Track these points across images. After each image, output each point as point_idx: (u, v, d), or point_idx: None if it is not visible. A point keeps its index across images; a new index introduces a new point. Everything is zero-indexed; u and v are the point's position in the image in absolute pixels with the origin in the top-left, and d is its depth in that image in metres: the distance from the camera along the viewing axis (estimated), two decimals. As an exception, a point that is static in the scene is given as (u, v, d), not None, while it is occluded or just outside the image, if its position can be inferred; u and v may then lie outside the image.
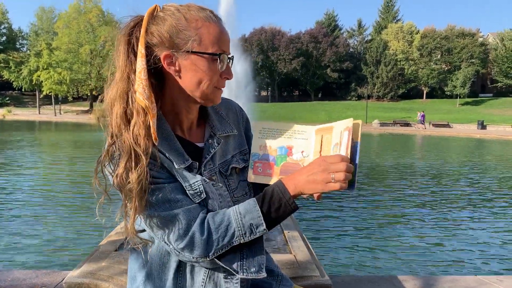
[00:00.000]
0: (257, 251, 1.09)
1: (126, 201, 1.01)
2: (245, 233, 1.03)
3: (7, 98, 65.12)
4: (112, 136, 1.03)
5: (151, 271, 1.13)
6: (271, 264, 1.34)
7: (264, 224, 1.04)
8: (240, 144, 1.26)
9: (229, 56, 1.10)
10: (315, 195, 1.05)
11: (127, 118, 1.02)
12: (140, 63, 1.01)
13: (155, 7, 1.07)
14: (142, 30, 1.03)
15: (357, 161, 1.02)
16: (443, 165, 13.91)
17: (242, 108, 1.35)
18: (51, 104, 56.90)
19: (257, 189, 1.28)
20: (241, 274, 1.05)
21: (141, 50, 1.02)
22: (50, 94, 53.56)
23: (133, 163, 0.99)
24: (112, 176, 1.01)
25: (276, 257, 2.40)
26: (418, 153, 19.10)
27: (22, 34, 71.03)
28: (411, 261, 4.71)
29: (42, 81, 52.53)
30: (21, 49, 69.52)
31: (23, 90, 62.16)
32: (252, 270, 1.06)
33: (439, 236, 5.68)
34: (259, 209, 1.04)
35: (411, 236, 5.63)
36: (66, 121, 41.20)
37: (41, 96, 57.05)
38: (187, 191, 1.06)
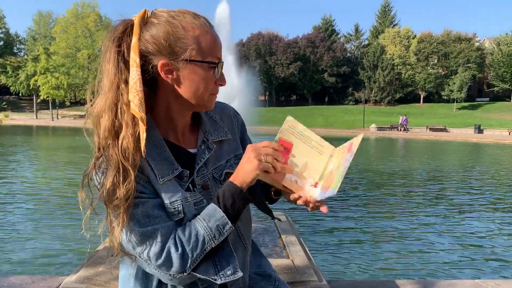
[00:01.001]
0: (227, 255, 1.10)
1: (111, 217, 0.99)
2: (214, 236, 1.04)
3: (4, 103, 64.91)
4: (99, 149, 0.99)
5: (137, 280, 1.13)
6: (268, 268, 1.34)
7: (229, 222, 1.05)
8: (235, 148, 1.24)
9: (222, 61, 1.09)
10: (323, 209, 1.08)
11: (115, 131, 0.98)
12: (135, 73, 0.97)
13: (145, 12, 1.03)
14: (135, 38, 0.99)
15: (344, 171, 1.04)
16: (441, 169, 13.93)
17: (237, 112, 1.33)
18: (48, 108, 56.79)
19: (253, 193, 1.28)
20: (219, 280, 1.06)
21: (135, 60, 0.98)
22: (47, 98, 53.47)
23: (121, 178, 0.96)
24: (99, 191, 0.98)
25: (274, 262, 2.39)
26: (416, 157, 19.12)
27: (20, 38, 71.05)
28: (409, 265, 4.70)
29: (39, 86, 52.45)
30: (19, 53, 69.55)
31: (20, 94, 62.07)
32: (228, 273, 1.07)
33: (437, 240, 5.68)
34: (220, 210, 1.05)
35: (409, 241, 5.63)
36: (63, 126, 41.11)
37: (39, 100, 56.97)
38: (166, 209, 1.05)
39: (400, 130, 40.26)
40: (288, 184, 1.11)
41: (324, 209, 1.08)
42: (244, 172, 1.06)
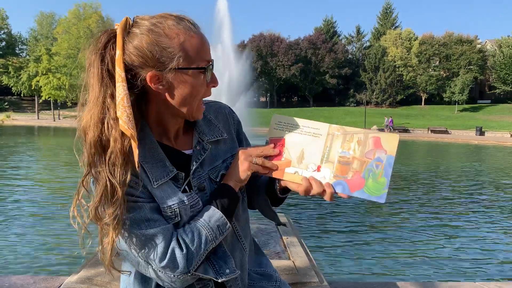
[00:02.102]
0: (222, 255, 1.12)
1: (101, 234, 0.97)
2: (215, 236, 1.06)
3: (6, 103, 65.03)
4: (87, 165, 0.97)
5: (137, 281, 1.13)
6: (269, 268, 1.34)
7: (228, 222, 1.08)
8: (232, 147, 1.22)
9: (211, 62, 1.05)
10: (327, 197, 1.07)
11: (102, 147, 0.95)
12: (121, 89, 0.93)
13: (126, 20, 0.99)
14: (119, 51, 0.95)
15: (389, 175, 1.04)
16: (443, 171, 13.91)
17: (233, 110, 1.32)
18: (50, 109, 56.90)
19: (257, 196, 1.27)
20: (220, 278, 1.07)
21: (120, 74, 0.94)
22: (49, 99, 53.55)
23: (109, 195, 0.93)
24: (89, 208, 0.97)
25: (275, 263, 2.39)
26: (418, 159, 19.10)
27: (22, 39, 71.11)
28: (410, 268, 4.70)
29: (41, 86, 52.50)
30: (21, 54, 69.50)
31: (22, 95, 62.05)
32: (227, 271, 1.09)
33: (438, 242, 5.67)
34: (219, 210, 1.07)
35: (411, 243, 5.62)
36: (65, 127, 41.13)
37: (40, 101, 57.05)
38: (163, 213, 1.04)
39: (390, 129, 40.24)
40: (289, 177, 1.11)
41: (343, 194, 1.07)
42: (235, 173, 1.11)
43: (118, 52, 0.95)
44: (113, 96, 0.95)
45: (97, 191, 0.95)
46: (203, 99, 1.11)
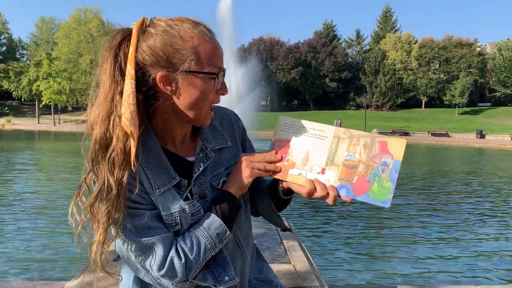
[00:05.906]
0: (222, 262, 1.12)
1: (94, 232, 0.97)
2: (215, 244, 1.06)
3: (7, 108, 65.16)
4: (90, 162, 0.97)
5: (136, 286, 1.13)
6: (270, 274, 1.33)
7: (228, 230, 1.08)
8: (235, 155, 1.21)
9: (223, 70, 1.06)
10: (330, 200, 1.05)
11: (106, 144, 0.95)
12: (129, 86, 0.94)
13: (143, 20, 1.00)
14: (132, 48, 0.96)
15: (395, 180, 1.05)
16: (444, 174, 13.89)
17: (238, 117, 1.30)
18: (50, 113, 57.02)
19: (262, 201, 1.26)
20: (218, 286, 1.07)
21: (130, 71, 0.95)
22: (49, 103, 53.69)
23: (104, 193, 0.94)
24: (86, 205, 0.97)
25: (276, 267, 2.39)
26: (418, 161, 19.09)
27: (22, 44, 71.38)
28: (411, 271, 4.68)
29: (41, 91, 52.67)
30: (21, 59, 69.79)
31: (22, 99, 62.35)
32: (226, 279, 1.09)
33: (439, 246, 5.66)
34: (218, 218, 1.07)
35: (412, 246, 5.60)
36: (65, 131, 41.18)
37: (41, 105, 57.18)
38: (164, 220, 1.04)
39: None
40: (293, 179, 1.10)
41: (347, 198, 1.07)
42: (236, 180, 1.11)
43: (131, 49, 0.96)
44: (122, 94, 0.95)
45: (96, 188, 0.95)
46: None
